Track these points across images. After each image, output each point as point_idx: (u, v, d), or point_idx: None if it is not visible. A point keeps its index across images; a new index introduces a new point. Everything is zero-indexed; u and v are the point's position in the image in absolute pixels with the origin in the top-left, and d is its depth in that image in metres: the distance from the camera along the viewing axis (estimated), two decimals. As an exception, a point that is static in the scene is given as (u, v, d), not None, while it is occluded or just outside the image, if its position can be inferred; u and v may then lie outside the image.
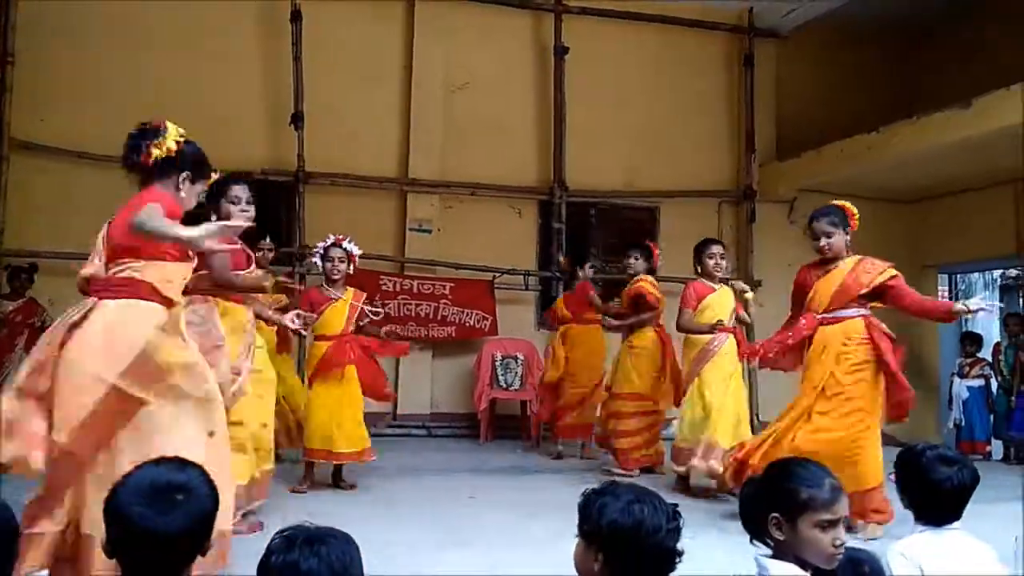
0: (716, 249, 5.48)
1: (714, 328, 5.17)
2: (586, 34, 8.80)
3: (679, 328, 5.49)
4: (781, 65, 9.54)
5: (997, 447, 8.14)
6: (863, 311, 4.28)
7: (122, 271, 2.75)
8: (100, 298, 2.72)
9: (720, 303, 5.38)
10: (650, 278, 6.13)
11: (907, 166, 8.08)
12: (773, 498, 1.84)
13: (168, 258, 2.78)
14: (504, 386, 7.93)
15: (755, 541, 1.89)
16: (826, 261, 4.36)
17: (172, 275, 2.81)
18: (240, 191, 3.84)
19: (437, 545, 3.69)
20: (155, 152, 2.84)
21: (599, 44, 8.92)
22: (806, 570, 1.81)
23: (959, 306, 4.34)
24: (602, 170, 8.91)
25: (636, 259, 6.20)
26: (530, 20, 8.94)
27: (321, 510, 3.99)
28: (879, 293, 4.27)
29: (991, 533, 2.33)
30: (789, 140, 9.26)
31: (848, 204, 4.47)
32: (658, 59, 9.18)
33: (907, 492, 2.35)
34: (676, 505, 1.72)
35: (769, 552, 1.86)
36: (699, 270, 5.50)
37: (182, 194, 2.94)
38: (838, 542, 1.79)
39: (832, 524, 1.80)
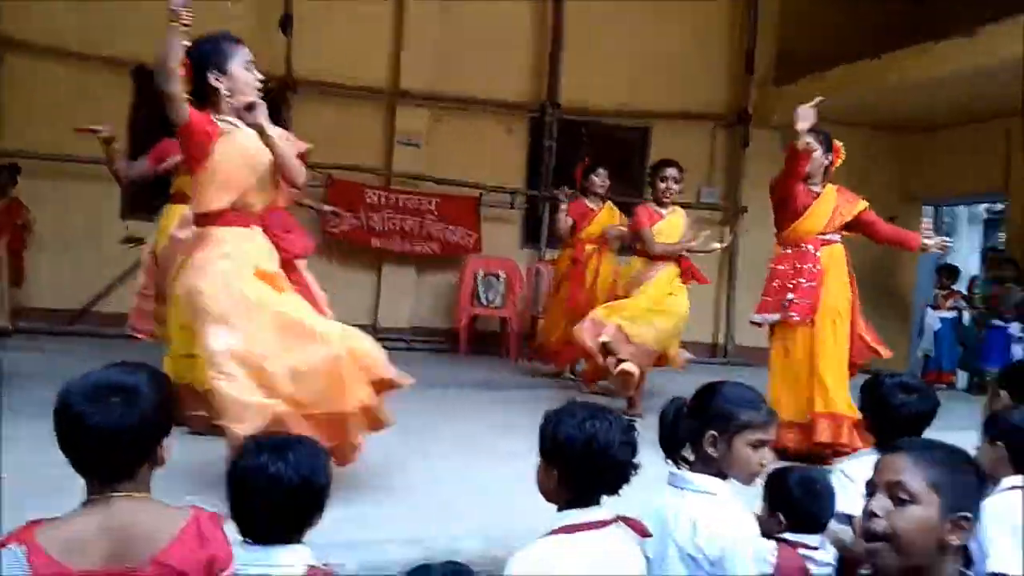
0: (669, 172, 5.18)
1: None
2: (587, -54, 8.49)
3: (656, 253, 5.19)
4: (785, -13, 9.27)
5: (963, 378, 8.34)
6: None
7: None
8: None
9: (669, 230, 5.18)
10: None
11: (905, 95, 7.97)
12: (711, 418, 1.92)
13: None
14: (485, 303, 8.00)
15: (668, 459, 1.99)
16: (805, 178, 4.25)
17: None
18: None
19: (405, 454, 3.77)
20: None
21: (599, -43, 8.62)
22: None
23: (927, 241, 4.41)
24: (595, 89, 8.73)
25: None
26: (529, -69, 8.61)
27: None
28: (851, 224, 4.37)
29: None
30: (788, 65, 9.06)
31: (837, 143, 4.42)
32: (658, -25, 8.89)
33: (869, 418, 2.44)
34: (632, 421, 1.80)
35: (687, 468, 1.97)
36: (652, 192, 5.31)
37: None
38: (765, 461, 1.93)
39: (763, 444, 1.92)
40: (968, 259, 12.12)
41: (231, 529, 1.63)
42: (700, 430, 1.94)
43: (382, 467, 3.51)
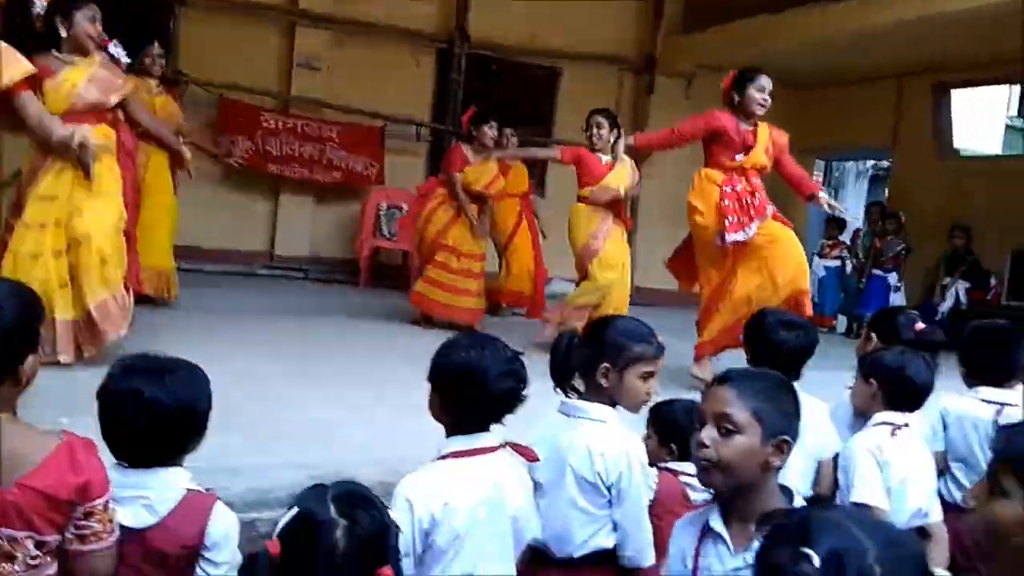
0: (601, 120, 5.13)
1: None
2: None
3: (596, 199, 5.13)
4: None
5: (843, 322, 8.84)
6: None
7: None
8: None
9: (617, 180, 5.12)
10: None
11: (804, 51, 8.19)
12: (604, 350, 1.96)
13: None
14: (387, 236, 7.86)
15: (558, 389, 2.04)
16: (748, 116, 4.38)
17: None
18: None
19: (297, 382, 3.70)
20: None
21: None
22: None
23: (822, 194, 4.61)
24: (506, 24, 8.56)
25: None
26: None
27: (179, 340, 3.85)
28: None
29: (823, 394, 2.58)
30: (696, 13, 9.14)
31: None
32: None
33: (752, 352, 2.54)
34: (520, 353, 1.82)
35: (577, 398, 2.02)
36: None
37: None
38: (652, 392, 2.00)
39: (652, 375, 1.99)
40: (854, 212, 12.74)
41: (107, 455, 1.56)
42: (593, 362, 1.97)
43: (273, 394, 3.44)
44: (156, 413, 1.57)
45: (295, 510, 1.26)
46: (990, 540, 1.05)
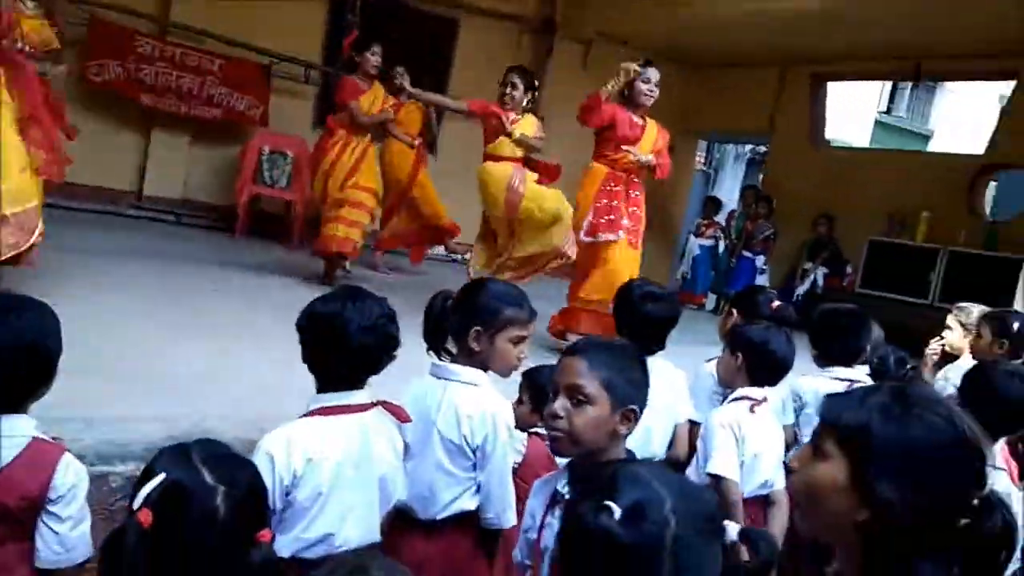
0: (512, 78, 4.98)
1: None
2: None
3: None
4: None
5: (712, 300, 9.26)
6: None
7: None
8: None
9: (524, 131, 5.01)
10: None
11: (694, 31, 8.42)
12: (477, 313, 1.97)
13: None
14: (269, 183, 7.52)
15: (431, 351, 2.05)
16: (635, 107, 4.55)
17: None
18: None
19: (156, 332, 3.52)
20: None
21: None
22: None
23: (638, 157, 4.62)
24: (404, -33, 8.32)
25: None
26: None
27: (31, 279, 3.60)
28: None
29: (687, 366, 2.77)
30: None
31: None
32: None
33: (620, 322, 2.63)
34: (391, 312, 1.82)
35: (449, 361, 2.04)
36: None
37: None
38: (522, 356, 2.03)
39: (523, 340, 2.01)
40: (731, 194, 13.30)
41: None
42: (465, 324, 1.97)
43: (133, 341, 3.27)
44: (-1, 352, 1.46)
45: (163, 475, 1.18)
46: (808, 501, 1.12)
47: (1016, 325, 3.25)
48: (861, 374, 2.89)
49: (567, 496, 1.57)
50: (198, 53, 7.42)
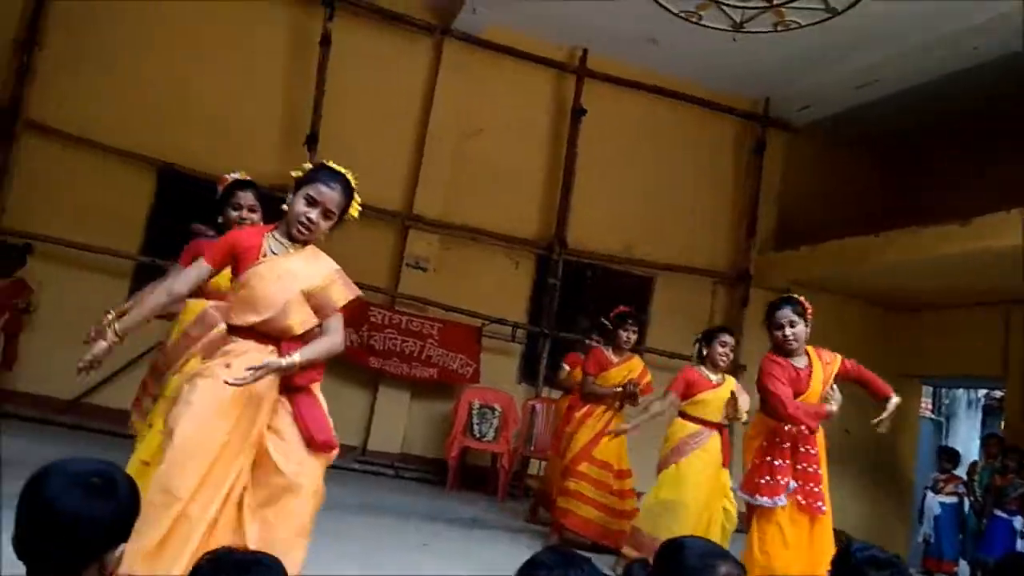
0: (728, 339, 5.19)
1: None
2: (604, 97, 8.98)
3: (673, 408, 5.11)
4: (790, 155, 9.73)
5: (965, 568, 8.04)
6: None
7: None
8: None
9: (717, 399, 5.03)
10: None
11: (901, 274, 8.17)
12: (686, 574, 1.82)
13: None
14: (478, 436, 7.83)
15: None
16: (788, 354, 3.96)
17: None
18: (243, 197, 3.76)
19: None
20: None
21: (615, 110, 9.10)
22: None
23: (895, 399, 4.03)
24: (603, 233, 8.99)
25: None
26: (553, 77, 9.11)
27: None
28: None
29: None
30: (789, 231, 9.37)
31: (804, 299, 4.10)
32: (671, 133, 9.35)
33: None
34: None
35: None
36: (704, 355, 5.15)
37: None
38: None
39: None
40: (968, 443, 11.99)
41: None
42: None
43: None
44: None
45: None
46: None
47: None
48: None
49: None
50: (420, 319, 8.23)
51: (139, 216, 7.73)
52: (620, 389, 5.57)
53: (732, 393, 5.05)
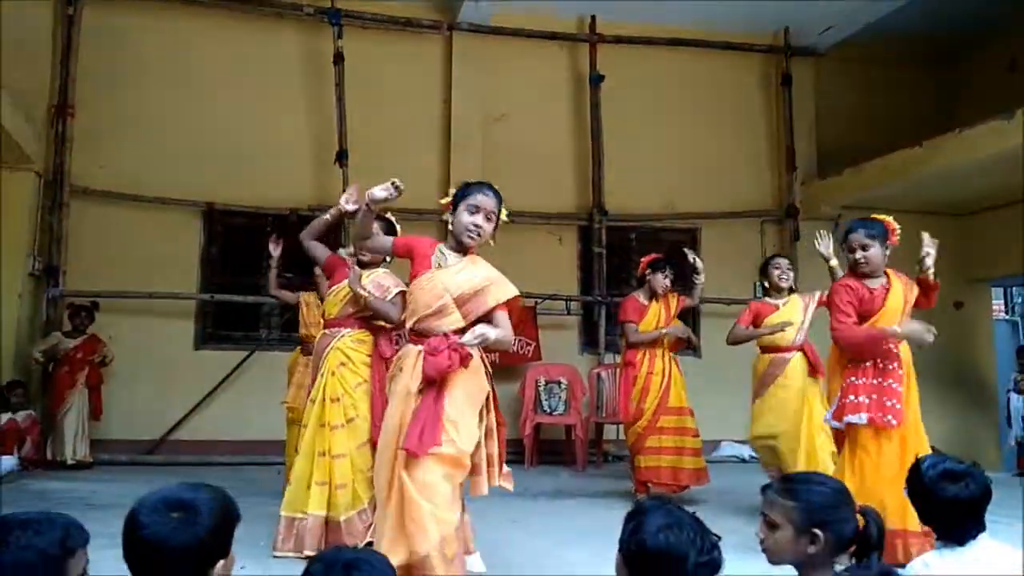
0: (780, 261, 5.56)
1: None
2: (621, 61, 8.92)
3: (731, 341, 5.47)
4: (819, 82, 9.52)
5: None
6: None
7: None
8: None
9: (785, 318, 5.27)
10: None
11: (951, 179, 7.94)
12: None
13: None
14: (548, 411, 7.96)
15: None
16: (863, 276, 3.92)
17: None
18: None
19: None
20: None
21: (634, 70, 9.03)
22: None
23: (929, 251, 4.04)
24: (641, 194, 8.96)
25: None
26: (566, 50, 9.11)
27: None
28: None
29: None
30: (830, 157, 9.19)
31: (889, 219, 4.07)
32: (694, 82, 9.24)
33: (920, 512, 2.30)
34: (718, 538, 1.71)
35: None
36: (766, 286, 5.50)
37: None
38: None
39: None
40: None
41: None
42: None
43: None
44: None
45: None
46: None
47: None
48: None
49: None
50: (473, 308, 8.31)
51: (191, 257, 8.03)
52: (665, 331, 5.66)
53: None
